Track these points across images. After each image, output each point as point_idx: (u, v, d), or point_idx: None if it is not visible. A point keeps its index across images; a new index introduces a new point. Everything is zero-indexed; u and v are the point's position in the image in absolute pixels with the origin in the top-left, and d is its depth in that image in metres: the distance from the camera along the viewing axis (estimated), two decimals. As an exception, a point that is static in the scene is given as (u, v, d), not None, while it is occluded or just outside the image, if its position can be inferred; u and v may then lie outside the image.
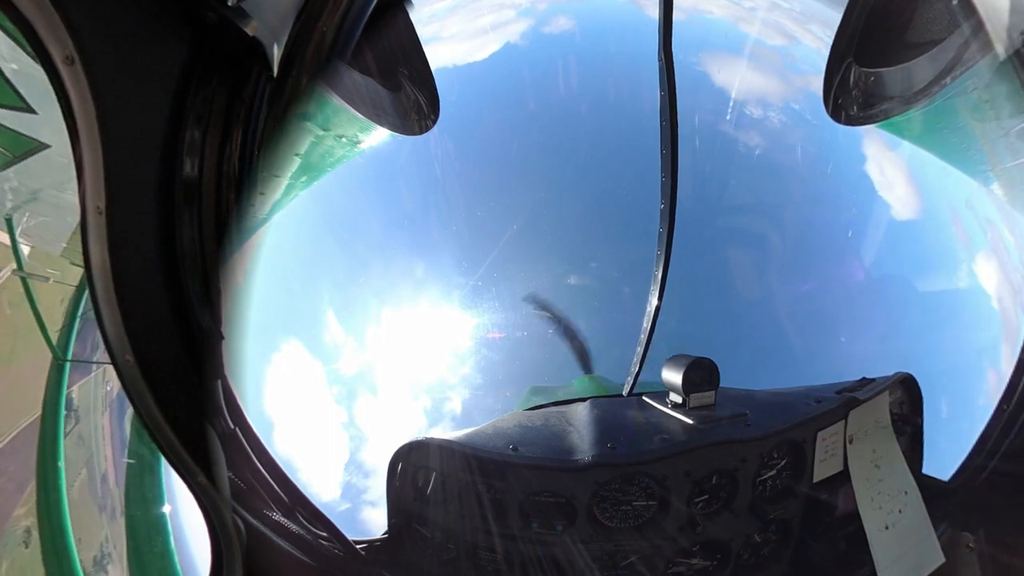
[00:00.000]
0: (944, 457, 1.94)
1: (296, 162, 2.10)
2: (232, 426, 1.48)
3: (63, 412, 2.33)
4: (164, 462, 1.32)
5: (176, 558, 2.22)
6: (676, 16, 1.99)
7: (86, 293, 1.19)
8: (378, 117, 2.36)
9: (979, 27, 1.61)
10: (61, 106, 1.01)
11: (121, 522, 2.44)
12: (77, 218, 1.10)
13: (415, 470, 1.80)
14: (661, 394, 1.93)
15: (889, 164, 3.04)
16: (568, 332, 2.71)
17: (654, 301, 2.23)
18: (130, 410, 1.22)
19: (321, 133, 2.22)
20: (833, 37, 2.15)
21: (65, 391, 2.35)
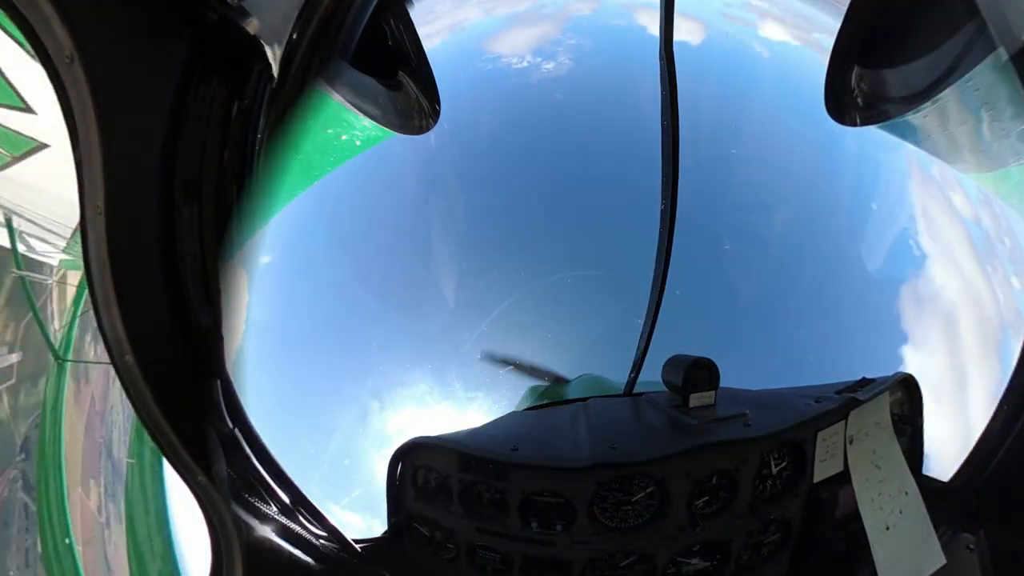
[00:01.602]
0: (944, 457, 1.94)
1: (296, 162, 2.10)
2: (232, 426, 1.48)
3: (63, 412, 2.33)
4: (164, 462, 1.32)
5: (176, 558, 2.23)
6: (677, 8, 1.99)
7: (85, 293, 1.19)
8: (378, 117, 2.36)
9: (981, 28, 1.61)
10: (60, 105, 1.01)
11: (122, 522, 2.44)
12: (76, 217, 1.10)
13: (415, 470, 1.80)
14: (661, 394, 1.93)
15: (890, 166, 3.04)
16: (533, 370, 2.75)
17: (654, 301, 2.23)
18: (130, 410, 1.22)
19: (321, 133, 2.22)
20: (835, 37, 2.15)
21: (65, 391, 2.35)
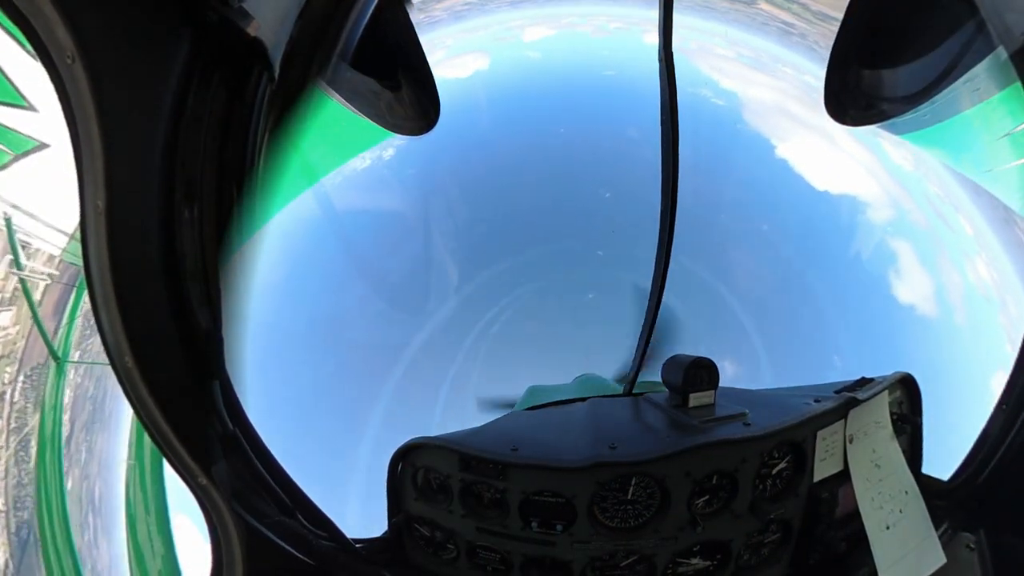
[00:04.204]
0: (944, 457, 1.94)
1: (296, 162, 2.09)
2: (232, 427, 1.48)
3: (63, 413, 2.33)
4: (164, 463, 1.32)
5: (176, 558, 2.22)
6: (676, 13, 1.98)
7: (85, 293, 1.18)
8: (378, 117, 2.36)
9: (980, 28, 1.61)
10: (61, 105, 1.01)
11: (123, 522, 2.44)
12: (77, 218, 1.09)
13: (415, 470, 1.80)
14: (661, 394, 1.93)
15: (888, 167, 3.05)
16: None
17: (653, 301, 2.23)
18: (130, 411, 1.22)
19: (321, 133, 2.22)
20: (834, 39, 2.15)
21: (65, 392, 2.35)
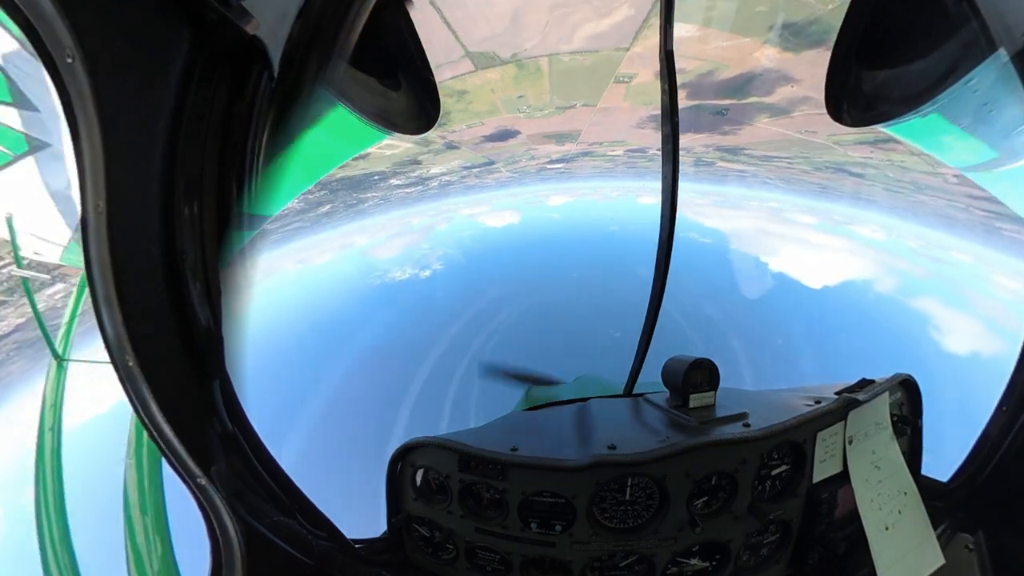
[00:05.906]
0: (944, 457, 1.95)
1: (296, 162, 2.09)
2: (232, 427, 1.48)
3: (63, 412, 2.33)
4: (164, 463, 1.32)
5: (176, 558, 2.22)
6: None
7: (86, 292, 1.18)
8: (379, 117, 2.36)
9: (981, 28, 1.61)
10: (61, 104, 1.01)
11: (122, 522, 2.44)
12: (77, 217, 1.09)
13: (415, 470, 1.80)
14: (661, 394, 1.94)
15: (866, 242, 3.06)
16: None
17: (654, 302, 2.23)
18: (130, 410, 1.22)
19: (322, 133, 2.22)
20: (835, 37, 2.15)
21: (65, 391, 2.35)
